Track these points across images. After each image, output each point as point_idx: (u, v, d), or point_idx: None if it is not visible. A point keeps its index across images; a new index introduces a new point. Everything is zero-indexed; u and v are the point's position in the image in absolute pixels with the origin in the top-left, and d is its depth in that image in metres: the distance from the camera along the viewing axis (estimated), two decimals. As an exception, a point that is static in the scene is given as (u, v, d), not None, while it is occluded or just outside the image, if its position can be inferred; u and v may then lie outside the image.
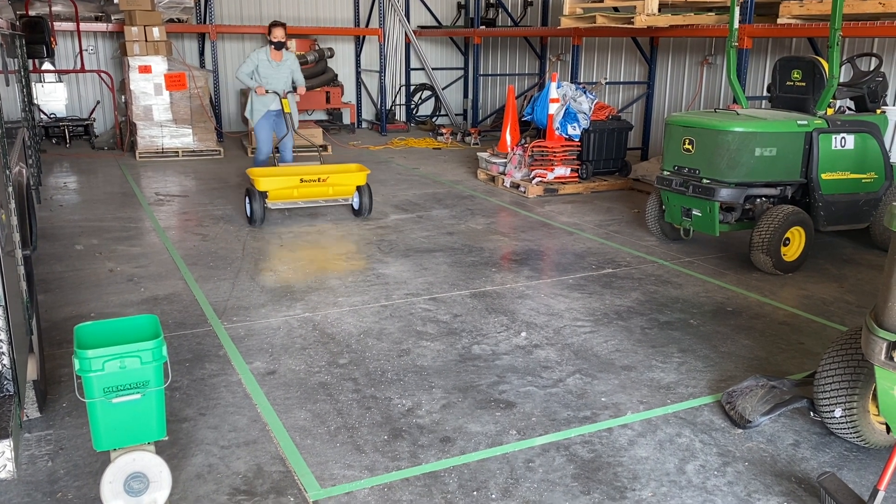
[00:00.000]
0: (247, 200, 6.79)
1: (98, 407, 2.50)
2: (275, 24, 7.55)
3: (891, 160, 6.04)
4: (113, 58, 12.17)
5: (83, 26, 11.26)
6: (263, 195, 6.67)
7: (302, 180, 6.71)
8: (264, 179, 6.63)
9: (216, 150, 10.78)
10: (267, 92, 7.48)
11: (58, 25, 11.06)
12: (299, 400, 3.61)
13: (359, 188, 7.00)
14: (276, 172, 6.96)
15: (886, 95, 6.45)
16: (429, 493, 2.89)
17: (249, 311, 4.76)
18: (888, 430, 3.12)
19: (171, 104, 10.47)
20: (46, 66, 11.21)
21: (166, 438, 2.80)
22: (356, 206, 7.11)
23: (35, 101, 10.57)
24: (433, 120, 14.27)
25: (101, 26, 11.43)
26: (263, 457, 3.12)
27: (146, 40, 10.42)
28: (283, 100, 7.54)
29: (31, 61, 10.57)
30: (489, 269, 5.68)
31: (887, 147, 6.04)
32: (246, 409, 3.52)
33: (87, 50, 11.87)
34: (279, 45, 7.50)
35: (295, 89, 7.77)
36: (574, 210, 7.74)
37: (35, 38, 9.02)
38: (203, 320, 4.59)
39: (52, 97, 11.28)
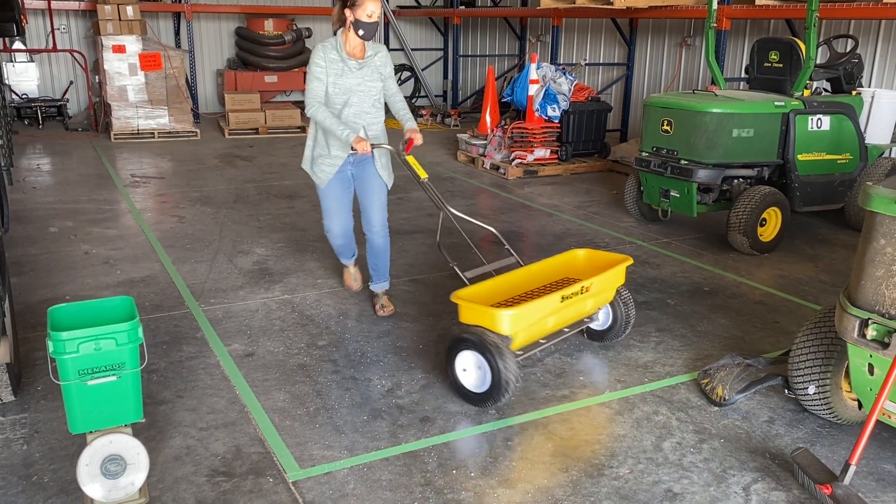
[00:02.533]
0: (472, 356, 3.35)
1: (73, 389, 2.47)
2: None
3: (866, 141, 6.11)
4: (86, 37, 11.94)
5: (54, 4, 11.02)
6: (506, 340, 3.30)
7: (563, 298, 3.49)
8: (508, 314, 3.23)
9: (192, 132, 10.65)
10: (352, 146, 3.90)
11: (28, 3, 10.82)
12: (278, 382, 3.60)
13: (618, 293, 3.97)
14: (504, 291, 3.75)
15: (862, 77, 6.50)
16: (408, 472, 2.90)
17: (227, 293, 4.73)
18: (860, 406, 3.18)
19: (146, 85, 10.32)
20: (17, 45, 10.96)
21: (143, 421, 2.78)
22: (605, 325, 4.02)
23: (5, 81, 10.36)
24: (413, 101, 14.19)
25: (73, 4, 11.20)
26: (242, 438, 3.11)
27: (120, 19, 10.23)
28: (406, 156, 4.10)
29: (0, 40, 10.35)
30: (469, 250, 5.68)
31: (862, 128, 6.10)
32: (224, 390, 3.51)
33: (58, 29, 11.64)
34: (369, 32, 3.92)
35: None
36: (553, 191, 7.75)
37: (4, 16, 8.81)
38: (180, 302, 4.56)
39: (24, 77, 11.05)
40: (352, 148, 3.91)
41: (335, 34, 4.08)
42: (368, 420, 3.26)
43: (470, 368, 3.37)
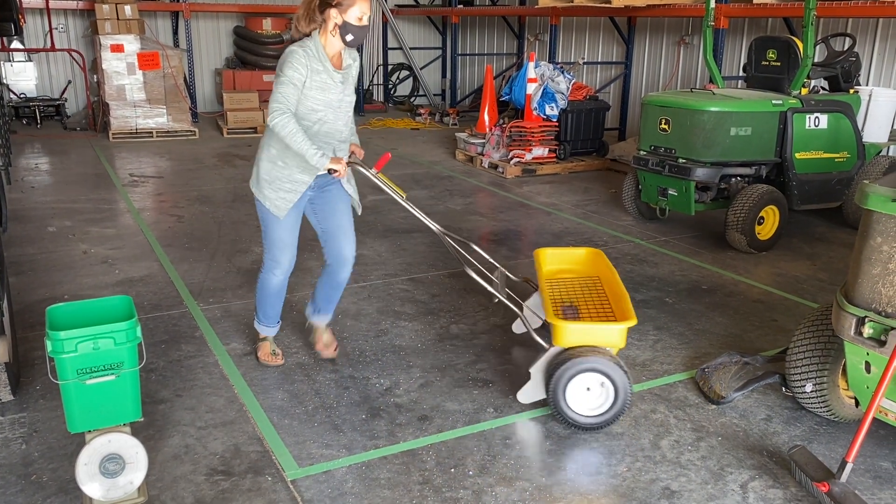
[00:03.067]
0: (589, 379, 3.16)
1: (72, 389, 2.48)
2: None
3: (863, 140, 6.11)
4: (84, 36, 11.93)
5: (52, 3, 11.01)
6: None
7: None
8: (621, 328, 3.17)
9: (191, 131, 10.65)
10: (329, 169, 3.29)
11: (26, 2, 10.81)
12: (277, 380, 3.60)
13: None
14: (549, 305, 3.43)
15: (860, 75, 6.51)
16: (407, 470, 2.91)
17: (226, 292, 4.73)
18: (856, 403, 3.19)
19: (144, 84, 10.31)
20: (15, 44, 10.96)
21: (142, 420, 2.78)
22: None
23: (4, 81, 10.35)
24: (411, 100, 14.19)
25: (72, 3, 11.19)
26: (241, 437, 3.12)
27: (118, 18, 10.22)
28: (378, 174, 3.56)
29: (-2, 40, 10.34)
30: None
31: (860, 127, 6.11)
32: (223, 389, 3.51)
33: (57, 28, 11.62)
34: (359, 38, 3.29)
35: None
36: (552, 190, 7.76)
37: (2, 16, 8.80)
38: (179, 302, 4.56)
39: (22, 76, 11.05)
40: (329, 171, 3.28)
41: (307, 36, 3.29)
42: (367, 419, 3.27)
43: (580, 393, 3.16)
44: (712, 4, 6.38)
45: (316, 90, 3.27)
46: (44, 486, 2.78)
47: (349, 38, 3.27)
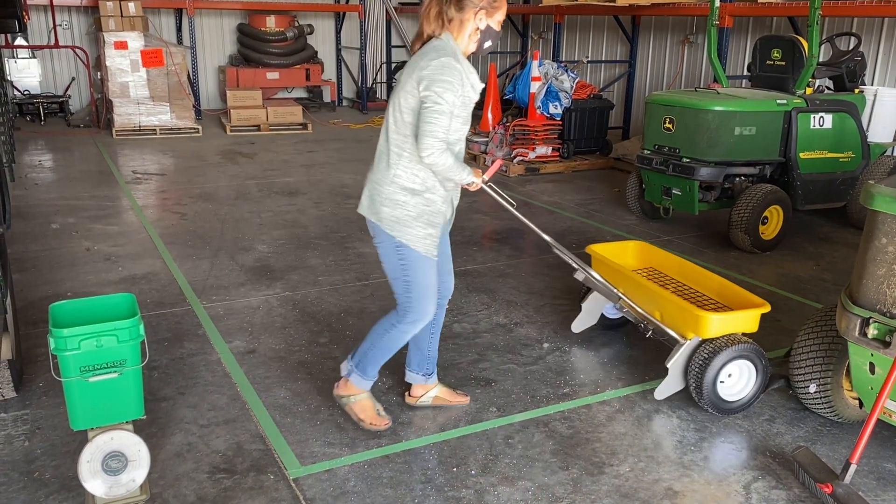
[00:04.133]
0: (734, 366, 3.32)
1: (74, 386, 2.48)
2: None
3: (868, 139, 6.10)
4: (88, 33, 11.93)
5: (56, 0, 11.01)
6: None
7: None
8: (755, 314, 3.39)
9: (194, 128, 10.65)
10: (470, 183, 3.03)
11: (30, -1, 10.83)
12: (279, 379, 3.60)
13: None
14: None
15: (865, 75, 6.49)
16: (409, 469, 2.90)
17: (229, 290, 4.73)
18: (860, 404, 3.18)
19: (148, 81, 10.31)
20: (19, 41, 10.96)
21: (144, 417, 2.78)
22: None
23: (7, 78, 10.36)
24: (414, 98, 14.15)
25: (76, 0, 11.19)
26: (243, 435, 3.12)
27: (122, 15, 10.22)
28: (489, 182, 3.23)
29: (2, 36, 10.34)
30: (470, 248, 5.68)
31: (865, 126, 6.09)
32: (225, 387, 3.51)
33: (60, 25, 11.63)
34: (494, 44, 2.92)
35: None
36: (555, 189, 7.75)
37: (6, 13, 8.80)
38: (182, 299, 4.56)
39: (26, 73, 11.05)
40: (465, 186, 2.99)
41: (433, 38, 2.81)
42: (369, 417, 3.26)
43: (724, 380, 3.29)
44: (717, 3, 6.36)
45: (461, 109, 2.77)
46: (46, 483, 2.78)
47: (488, 44, 2.86)
